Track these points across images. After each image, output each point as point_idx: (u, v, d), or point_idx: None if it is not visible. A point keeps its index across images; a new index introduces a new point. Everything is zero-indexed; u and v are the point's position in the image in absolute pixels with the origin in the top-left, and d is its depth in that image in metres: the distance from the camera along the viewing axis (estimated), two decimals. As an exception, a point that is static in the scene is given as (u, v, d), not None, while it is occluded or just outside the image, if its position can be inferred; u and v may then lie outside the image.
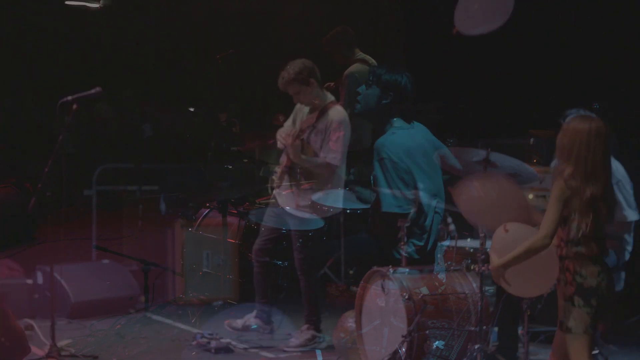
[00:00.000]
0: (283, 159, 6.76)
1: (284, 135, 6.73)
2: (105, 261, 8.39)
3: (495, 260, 4.59)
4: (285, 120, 7.12)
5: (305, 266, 6.66)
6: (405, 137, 6.06)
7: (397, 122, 6.13)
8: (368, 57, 8.54)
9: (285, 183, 6.72)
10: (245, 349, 6.73)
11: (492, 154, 5.37)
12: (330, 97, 6.81)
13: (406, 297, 5.33)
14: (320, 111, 6.68)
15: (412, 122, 6.24)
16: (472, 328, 5.38)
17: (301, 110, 6.88)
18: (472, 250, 5.67)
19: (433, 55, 10.04)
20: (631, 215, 6.09)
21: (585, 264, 4.41)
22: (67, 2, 11.71)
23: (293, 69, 6.66)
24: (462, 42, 9.58)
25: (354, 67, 8.34)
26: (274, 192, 6.80)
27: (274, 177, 6.82)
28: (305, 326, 6.72)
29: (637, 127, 8.18)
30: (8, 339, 5.82)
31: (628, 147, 7.56)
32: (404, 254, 5.62)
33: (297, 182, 6.63)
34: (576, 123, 4.48)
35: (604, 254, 4.47)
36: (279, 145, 6.83)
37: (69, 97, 6.42)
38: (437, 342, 5.32)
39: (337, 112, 6.68)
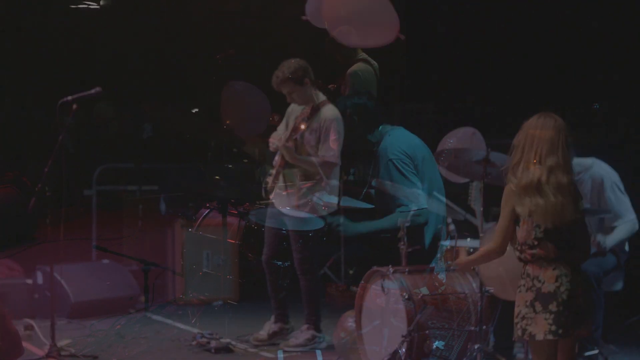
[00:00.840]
0: (277, 161, 6.78)
1: (276, 137, 6.75)
2: (105, 261, 8.39)
3: (463, 258, 4.77)
4: (280, 120, 7.13)
5: (305, 266, 6.66)
6: (401, 136, 6.10)
7: (384, 127, 6.17)
8: (369, 58, 8.57)
9: (282, 184, 6.73)
10: (245, 349, 6.73)
11: (491, 154, 5.37)
12: (323, 97, 6.83)
13: (406, 297, 5.33)
14: (313, 110, 6.70)
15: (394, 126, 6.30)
16: (472, 328, 5.39)
17: (293, 113, 6.89)
18: (472, 250, 5.67)
19: (433, 55, 10.04)
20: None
21: (543, 267, 4.31)
22: (71, 6, 11.71)
23: (288, 68, 6.67)
24: (462, 42, 9.62)
25: (357, 66, 8.39)
26: (271, 193, 6.81)
27: (268, 178, 6.84)
28: (305, 326, 6.72)
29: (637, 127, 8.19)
30: (2, 340, 5.81)
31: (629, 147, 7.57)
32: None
33: (293, 182, 6.64)
34: (527, 122, 4.48)
35: (566, 257, 4.33)
36: (271, 147, 6.86)
37: (69, 97, 6.42)
38: (437, 342, 5.32)
39: (331, 111, 6.70)
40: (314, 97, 6.74)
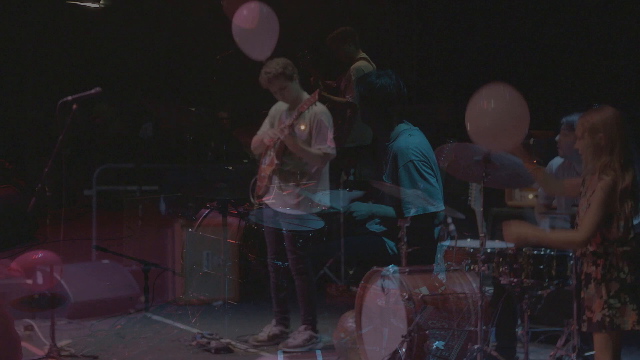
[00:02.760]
0: (268, 161, 6.80)
1: (274, 131, 6.75)
2: (105, 261, 8.39)
3: (526, 228, 4.62)
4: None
5: (300, 266, 6.66)
6: (421, 137, 6.05)
7: (403, 125, 6.10)
8: (369, 59, 8.63)
9: (275, 184, 6.75)
10: (245, 349, 6.73)
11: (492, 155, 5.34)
12: (306, 94, 6.87)
13: (406, 297, 5.33)
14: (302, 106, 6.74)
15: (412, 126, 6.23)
16: (472, 328, 5.38)
17: (278, 113, 6.92)
18: (472, 250, 5.66)
19: (433, 55, 10.05)
20: None
21: (628, 260, 4.43)
22: (67, 1, 11.71)
23: (278, 65, 6.71)
24: (462, 42, 9.62)
25: (360, 63, 8.49)
26: (265, 195, 6.83)
27: (259, 182, 6.86)
28: (303, 327, 6.72)
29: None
30: (3, 343, 5.79)
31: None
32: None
33: (288, 182, 6.66)
34: (605, 118, 4.46)
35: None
36: (254, 148, 6.90)
37: (69, 97, 6.42)
38: (437, 342, 5.32)
39: (319, 106, 6.75)
40: (301, 93, 6.79)
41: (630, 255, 4.43)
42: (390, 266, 5.51)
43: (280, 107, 6.95)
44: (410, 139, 5.96)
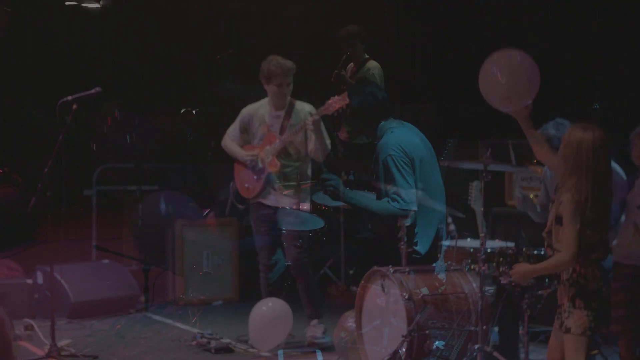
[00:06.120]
0: (269, 163, 6.82)
1: (310, 120, 6.72)
2: (105, 261, 8.40)
3: (524, 266, 4.83)
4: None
5: (301, 267, 6.67)
6: (403, 134, 6.07)
7: (389, 123, 6.14)
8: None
9: (284, 184, 6.75)
10: (245, 349, 6.73)
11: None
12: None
13: (406, 297, 5.33)
14: (290, 107, 6.82)
15: (403, 122, 6.25)
16: (472, 328, 5.39)
17: (251, 116, 6.93)
18: (472, 250, 5.66)
19: (433, 55, 10.05)
20: None
21: (593, 267, 4.50)
22: (67, 3, 11.72)
23: (292, 63, 6.81)
24: (461, 42, 9.62)
25: (374, 63, 8.42)
26: (262, 196, 6.85)
27: (247, 185, 6.87)
28: (315, 321, 6.72)
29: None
30: None
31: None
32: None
33: (297, 182, 6.66)
34: (579, 133, 4.51)
35: (606, 258, 4.57)
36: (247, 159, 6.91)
37: (69, 97, 6.43)
38: (437, 342, 5.32)
39: (308, 105, 6.85)
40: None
41: (593, 262, 4.50)
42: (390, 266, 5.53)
43: (253, 110, 6.96)
44: (391, 136, 6.01)
